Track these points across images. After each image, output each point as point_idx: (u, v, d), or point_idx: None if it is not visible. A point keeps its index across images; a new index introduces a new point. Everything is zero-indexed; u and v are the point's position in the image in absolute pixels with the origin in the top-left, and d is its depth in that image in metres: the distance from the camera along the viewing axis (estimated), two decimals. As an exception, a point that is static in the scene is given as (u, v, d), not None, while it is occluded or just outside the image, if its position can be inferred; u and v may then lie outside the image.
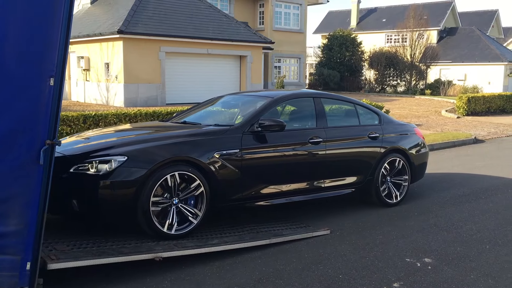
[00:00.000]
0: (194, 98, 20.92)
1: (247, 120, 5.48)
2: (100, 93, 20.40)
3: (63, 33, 3.27)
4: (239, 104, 6.58)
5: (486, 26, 46.39)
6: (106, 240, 4.57)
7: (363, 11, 46.36)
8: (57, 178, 4.45)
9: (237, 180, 5.17)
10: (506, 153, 11.35)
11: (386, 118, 6.94)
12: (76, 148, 4.94)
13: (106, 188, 4.50)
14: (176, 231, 4.73)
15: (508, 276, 4.29)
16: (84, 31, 20.80)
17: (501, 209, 6.46)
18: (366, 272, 4.34)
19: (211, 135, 5.20)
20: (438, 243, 5.11)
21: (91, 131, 5.85)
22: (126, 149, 4.68)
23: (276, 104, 5.99)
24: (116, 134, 5.57)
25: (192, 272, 4.33)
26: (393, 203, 6.55)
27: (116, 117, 10.64)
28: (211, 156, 4.97)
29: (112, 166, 4.51)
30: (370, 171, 6.36)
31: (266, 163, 5.47)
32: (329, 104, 6.66)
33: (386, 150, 6.51)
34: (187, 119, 6.22)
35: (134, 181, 4.52)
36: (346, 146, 6.21)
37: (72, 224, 5.14)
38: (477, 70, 36.94)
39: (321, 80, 32.98)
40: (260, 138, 5.40)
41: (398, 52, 34.67)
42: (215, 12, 22.53)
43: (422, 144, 7.16)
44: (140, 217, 4.58)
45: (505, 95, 22.91)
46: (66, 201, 4.60)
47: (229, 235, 5.09)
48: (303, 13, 30.27)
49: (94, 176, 4.50)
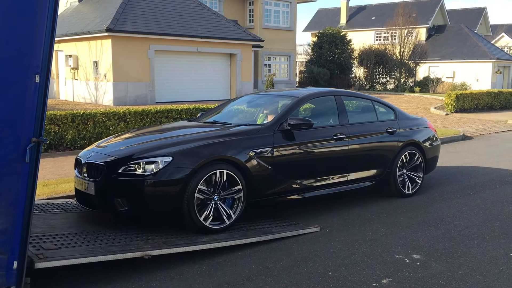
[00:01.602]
0: (184, 97, 20.87)
1: (277, 119, 5.77)
2: (89, 92, 20.26)
3: (48, 30, 3.23)
4: (263, 103, 6.80)
5: (474, 23, 46.74)
6: (95, 238, 4.55)
7: (352, 9, 46.49)
8: (106, 178, 4.89)
9: (270, 176, 5.48)
10: (494, 150, 11.45)
11: (401, 113, 7.30)
12: (123, 150, 5.18)
13: (153, 187, 4.79)
14: (211, 224, 5.00)
15: (495, 271, 4.32)
16: (72, 29, 20.63)
17: (488, 205, 6.52)
18: (355, 269, 4.36)
19: (246, 134, 5.49)
20: (426, 239, 5.14)
21: (128, 133, 6.09)
22: (170, 150, 4.99)
23: (302, 103, 6.27)
24: (154, 136, 5.79)
25: (181, 270, 4.32)
26: (410, 193, 6.93)
27: (105, 116, 10.58)
28: (247, 154, 5.28)
29: (159, 166, 4.82)
30: (388, 164, 6.73)
31: (295, 159, 5.78)
32: (348, 101, 6.90)
33: (403, 144, 6.88)
34: (216, 119, 6.45)
35: (179, 180, 4.83)
36: (367, 141, 6.54)
37: (60, 222, 5.10)
38: (465, 67, 37.24)
39: (311, 78, 33.03)
40: (289, 136, 5.71)
41: (388, 49, 34.83)
42: (205, 10, 22.46)
43: (434, 137, 7.52)
44: (185, 213, 4.87)
45: (493, 92, 23.11)
46: (115, 199, 4.88)
47: (219, 233, 5.07)
48: (293, 11, 30.28)
49: (141, 176, 4.79)
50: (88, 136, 10.36)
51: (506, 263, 4.50)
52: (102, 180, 4.93)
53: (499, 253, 4.76)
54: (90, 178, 5.06)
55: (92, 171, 5.06)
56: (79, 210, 5.65)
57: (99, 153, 5.23)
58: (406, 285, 4.03)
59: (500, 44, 54.01)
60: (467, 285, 4.04)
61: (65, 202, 6.01)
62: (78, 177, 5.29)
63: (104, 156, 5.11)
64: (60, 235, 4.55)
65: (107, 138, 5.99)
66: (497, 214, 6.09)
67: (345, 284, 4.04)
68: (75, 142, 10.23)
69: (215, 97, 22.14)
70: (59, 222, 5.06)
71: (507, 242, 5.07)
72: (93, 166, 5.07)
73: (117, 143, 5.53)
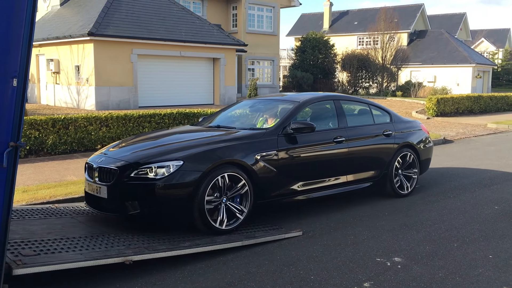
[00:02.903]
0: (167, 101, 20.77)
1: (280, 123, 5.98)
2: (70, 96, 20.04)
3: (26, 33, 3.18)
4: (264, 108, 6.92)
5: (455, 28, 47.49)
6: (75, 244, 4.49)
7: (335, 14, 46.89)
8: (118, 182, 5.03)
9: (275, 178, 5.67)
10: (474, 153, 11.62)
11: (396, 116, 7.55)
12: (135, 155, 5.34)
13: (165, 190, 4.94)
14: (226, 226, 5.18)
15: (475, 273, 4.38)
16: (53, 33, 20.40)
17: (468, 208, 6.60)
18: (337, 273, 4.37)
19: (251, 138, 5.68)
20: (407, 243, 5.18)
21: (136, 138, 6.25)
22: (181, 154, 5.16)
23: (303, 107, 6.44)
24: (163, 140, 5.92)
25: (163, 276, 4.28)
26: (405, 193, 7.19)
27: (87, 121, 10.48)
28: (253, 157, 5.47)
29: (170, 170, 4.98)
30: (385, 165, 6.96)
31: (298, 162, 5.96)
32: (346, 105, 7.04)
33: (399, 146, 7.14)
34: (220, 123, 6.62)
35: (190, 183, 4.99)
36: (365, 144, 6.77)
37: (40, 228, 5.02)
38: (446, 72, 37.78)
39: (295, 82, 33.16)
40: (292, 140, 5.91)
41: (370, 54, 35.16)
42: (188, 15, 22.41)
43: (427, 139, 7.79)
44: (195, 215, 5.01)
45: (473, 96, 23.48)
46: (127, 202, 5.03)
47: (201, 237, 5.06)
48: (276, 15, 30.40)
49: (153, 179, 4.94)
50: (69, 141, 10.24)
51: (485, 265, 4.56)
52: (115, 184, 5.07)
53: (479, 255, 4.82)
54: (102, 182, 5.20)
55: (104, 175, 5.20)
56: (59, 215, 5.58)
57: (111, 157, 5.38)
58: (387, 288, 4.05)
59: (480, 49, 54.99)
60: (447, 287, 4.08)
61: (45, 208, 5.92)
62: (89, 181, 5.42)
63: (115, 160, 5.26)
64: (40, 241, 4.48)
65: (116, 143, 6.14)
66: (477, 217, 6.17)
67: (327, 288, 4.05)
68: (56, 147, 10.10)
69: (199, 102, 22.09)
70: (38, 228, 4.98)
71: (486, 244, 5.14)
72: (105, 170, 5.20)
73: (127, 147, 5.70)
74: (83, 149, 10.52)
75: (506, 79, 54.14)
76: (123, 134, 10.94)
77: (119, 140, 6.43)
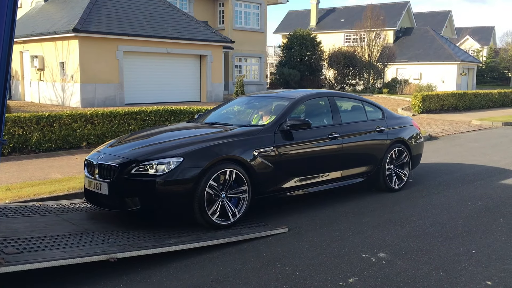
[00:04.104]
0: (154, 98, 20.66)
1: (277, 120, 6.09)
2: (55, 94, 19.82)
3: (7, 29, 3.14)
4: (259, 105, 7.02)
5: (440, 26, 47.92)
6: (59, 242, 4.45)
7: (322, 11, 46.99)
8: (119, 179, 5.10)
9: (272, 174, 5.78)
10: (458, 150, 11.75)
11: (388, 112, 7.72)
12: (135, 151, 5.40)
13: (165, 186, 5.02)
14: (217, 219, 5.25)
15: (458, 268, 4.43)
16: (37, 30, 20.16)
17: (452, 203, 6.68)
18: (322, 269, 4.39)
19: (249, 135, 5.78)
20: (392, 238, 5.23)
21: (135, 135, 6.32)
22: (181, 151, 5.25)
23: (298, 104, 6.54)
24: (161, 137, 6.01)
25: (148, 274, 4.27)
26: (397, 188, 7.35)
27: (71, 118, 10.38)
28: (251, 153, 5.58)
29: (170, 166, 5.07)
30: (378, 161, 7.11)
31: (295, 158, 6.08)
32: (340, 102, 7.14)
33: (391, 142, 7.29)
34: (216, 120, 6.70)
35: (190, 179, 5.08)
36: (359, 140, 6.91)
37: (23, 226, 4.97)
38: (431, 69, 38.10)
39: (282, 79, 33.17)
40: (288, 136, 6.03)
41: (357, 51, 35.31)
42: (174, 11, 22.29)
43: (418, 134, 7.96)
44: (195, 210, 5.12)
45: (458, 93, 23.72)
46: (128, 199, 5.11)
47: (187, 234, 5.05)
48: (263, 12, 30.37)
49: (154, 176, 5.03)
50: (53, 139, 10.14)
51: (468, 260, 4.62)
52: (115, 180, 5.15)
53: (462, 250, 4.88)
54: (102, 178, 5.26)
55: (104, 171, 5.27)
56: (43, 213, 5.52)
57: (110, 154, 5.46)
58: (372, 284, 4.08)
59: (465, 46, 55.55)
60: (431, 282, 4.12)
61: (29, 206, 5.86)
62: (88, 178, 5.48)
63: (116, 157, 5.33)
64: (23, 239, 4.43)
65: (114, 140, 6.21)
66: (460, 213, 6.24)
67: (312, 284, 4.07)
68: (40, 145, 9.99)
69: (186, 99, 22.00)
70: (21, 226, 4.93)
71: (470, 239, 5.20)
72: (105, 167, 5.27)
73: (126, 144, 5.76)
74: (68, 147, 10.42)
75: (490, 76, 54.81)
76: (108, 132, 10.86)
77: (117, 138, 6.52)
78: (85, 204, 6.13)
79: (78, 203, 6.21)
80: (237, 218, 5.40)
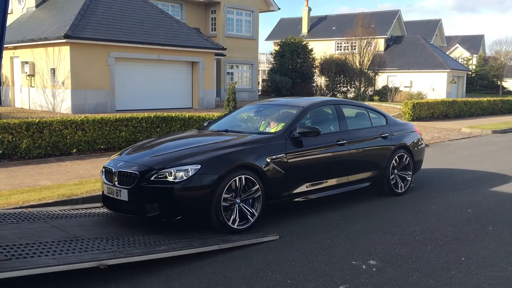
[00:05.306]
0: (145, 105, 20.61)
1: (287, 128, 6.29)
2: (46, 100, 19.71)
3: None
4: (268, 112, 7.22)
5: (430, 35, 48.36)
6: (48, 249, 4.40)
7: (313, 19, 47.24)
8: (139, 185, 5.26)
9: (283, 180, 5.96)
10: (448, 157, 11.83)
11: (391, 119, 7.97)
12: (154, 159, 5.58)
13: (184, 192, 5.20)
14: (238, 226, 5.46)
15: (447, 275, 4.45)
16: (28, 35, 20.06)
17: (442, 211, 6.72)
18: (313, 276, 4.40)
19: (261, 142, 5.98)
20: (382, 245, 5.24)
21: (150, 143, 6.48)
22: (199, 158, 5.42)
23: (307, 111, 6.76)
24: (176, 144, 6.18)
25: (138, 282, 4.24)
26: (401, 192, 7.59)
27: (62, 124, 10.33)
28: (264, 160, 5.78)
29: (188, 173, 5.24)
30: (383, 166, 7.34)
31: (305, 164, 6.29)
32: (345, 109, 7.34)
33: (395, 147, 7.53)
34: (228, 127, 6.87)
35: (207, 186, 5.26)
36: (364, 146, 7.16)
37: (12, 233, 4.92)
38: (422, 77, 38.41)
39: (274, 86, 33.25)
40: (298, 143, 6.23)
41: (348, 59, 35.48)
42: (166, 18, 22.30)
43: (420, 140, 8.23)
44: (212, 215, 5.29)
45: (448, 101, 23.91)
46: (147, 205, 5.27)
47: (178, 241, 5.03)
48: (255, 20, 30.48)
49: (172, 183, 5.20)
50: (43, 145, 10.07)
51: (458, 267, 4.65)
52: (135, 187, 5.31)
53: (452, 257, 4.90)
54: (122, 185, 5.43)
55: (124, 178, 5.43)
56: (32, 220, 5.48)
57: (129, 162, 5.64)
58: (362, 291, 4.09)
59: (455, 55, 56.11)
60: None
61: (18, 212, 5.81)
62: (107, 184, 5.65)
63: (135, 165, 5.51)
64: (11, 246, 4.39)
65: (130, 147, 6.40)
66: (450, 220, 6.28)
67: (303, 292, 4.07)
68: (30, 151, 9.92)
69: (177, 105, 21.97)
70: (10, 233, 4.88)
71: (459, 247, 5.23)
72: (125, 174, 5.44)
73: (143, 152, 5.97)
74: (58, 153, 10.36)
75: (480, 84, 55.33)
76: (99, 138, 10.81)
77: (131, 146, 6.70)
78: (74, 211, 6.10)
79: (68, 209, 6.17)
80: (250, 223, 5.58)
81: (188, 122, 12.23)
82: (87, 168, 9.24)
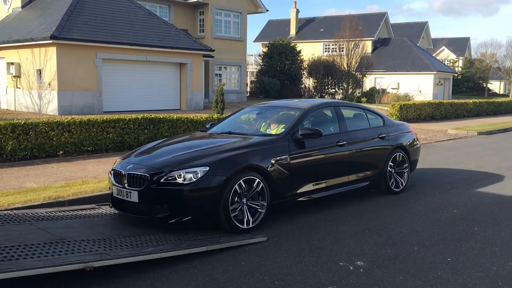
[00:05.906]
0: (133, 106, 20.49)
1: (289, 129, 6.45)
2: (32, 101, 19.52)
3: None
4: (270, 114, 7.35)
5: (417, 37, 48.81)
6: (33, 251, 4.36)
7: (302, 21, 47.41)
8: (149, 187, 5.38)
9: (288, 180, 6.13)
10: (434, 158, 11.94)
11: (388, 120, 8.19)
12: (163, 161, 5.69)
13: (193, 193, 5.32)
14: (248, 225, 5.62)
15: (434, 276, 4.49)
16: (14, 36, 19.85)
17: (429, 212, 6.77)
18: (301, 278, 4.40)
19: (266, 144, 6.13)
20: (370, 246, 5.27)
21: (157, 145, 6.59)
22: (207, 160, 5.55)
23: (308, 113, 6.92)
24: (183, 146, 6.29)
25: (125, 283, 4.22)
26: (398, 191, 7.83)
27: (48, 126, 10.23)
28: (269, 161, 5.94)
29: (197, 175, 5.37)
30: (381, 165, 7.57)
31: (308, 164, 6.47)
32: (344, 111, 7.52)
33: (392, 147, 7.78)
34: (231, 129, 7.01)
35: (215, 187, 5.39)
36: (364, 146, 7.35)
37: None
38: (409, 79, 38.73)
39: (262, 88, 33.28)
40: (301, 144, 6.39)
41: (336, 61, 35.65)
42: (154, 19, 22.21)
43: (416, 140, 8.49)
44: (221, 215, 5.42)
45: (434, 103, 24.13)
46: (157, 206, 5.39)
47: (165, 243, 5.01)
48: (243, 21, 30.49)
49: (182, 184, 5.32)
50: (29, 147, 9.97)
51: (444, 267, 4.69)
52: (145, 189, 5.42)
53: (438, 258, 4.94)
54: (132, 187, 5.53)
55: (134, 180, 5.54)
56: (17, 222, 5.42)
57: (138, 164, 5.76)
58: (349, 292, 4.11)
59: (441, 57, 56.65)
60: (407, 290, 4.16)
61: (3, 214, 5.74)
62: (117, 186, 5.74)
63: (144, 167, 5.62)
64: (-4, 250, 4.33)
65: (137, 150, 6.52)
66: (436, 221, 6.34)
67: (290, 293, 4.07)
68: (15, 153, 9.81)
69: (165, 107, 21.89)
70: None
71: (445, 247, 5.28)
72: (134, 176, 5.55)
73: (151, 154, 6.10)
74: (44, 155, 10.26)
75: (466, 86, 55.95)
76: (86, 140, 10.73)
77: (138, 148, 6.79)
78: (61, 213, 6.04)
79: (54, 211, 6.11)
80: (257, 223, 5.72)
81: (176, 124, 12.19)
82: (74, 170, 9.16)
